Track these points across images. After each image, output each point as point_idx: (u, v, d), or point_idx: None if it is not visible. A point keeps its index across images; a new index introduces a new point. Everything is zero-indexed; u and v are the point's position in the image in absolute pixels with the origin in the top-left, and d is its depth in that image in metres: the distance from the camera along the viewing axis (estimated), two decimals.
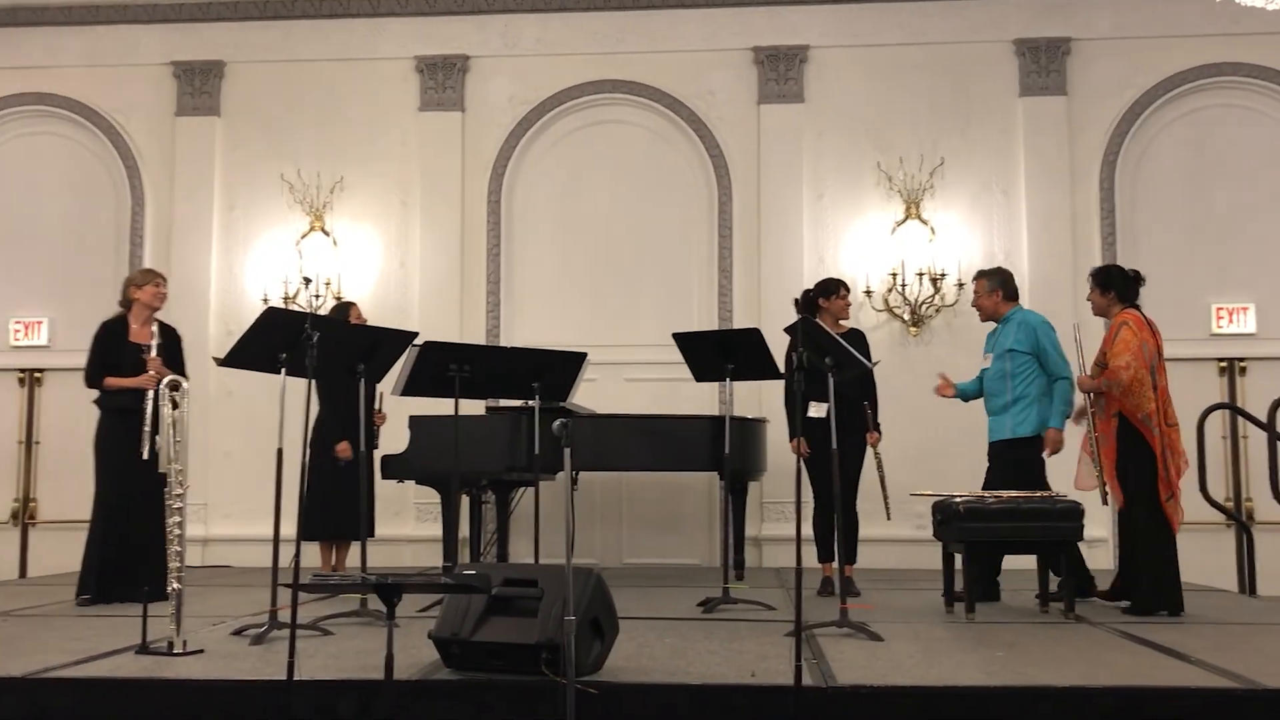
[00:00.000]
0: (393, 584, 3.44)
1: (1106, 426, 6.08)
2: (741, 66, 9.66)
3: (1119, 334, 5.99)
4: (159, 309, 6.79)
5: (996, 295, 6.78)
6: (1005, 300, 6.78)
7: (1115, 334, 6.03)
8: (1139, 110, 9.38)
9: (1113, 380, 5.91)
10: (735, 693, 3.95)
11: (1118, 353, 5.92)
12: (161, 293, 6.77)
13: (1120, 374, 5.87)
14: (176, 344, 6.74)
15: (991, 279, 6.83)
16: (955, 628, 5.50)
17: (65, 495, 9.54)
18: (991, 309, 6.82)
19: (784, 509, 9.02)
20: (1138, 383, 5.89)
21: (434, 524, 7.84)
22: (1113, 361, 5.93)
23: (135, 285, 6.71)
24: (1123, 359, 5.88)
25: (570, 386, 6.40)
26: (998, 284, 6.80)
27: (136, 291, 6.68)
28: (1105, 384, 5.97)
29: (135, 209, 9.92)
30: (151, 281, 6.73)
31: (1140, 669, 4.35)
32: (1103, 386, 6.00)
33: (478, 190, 9.69)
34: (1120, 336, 5.97)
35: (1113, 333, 6.08)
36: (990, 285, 6.80)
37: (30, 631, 5.36)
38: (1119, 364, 5.89)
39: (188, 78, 9.92)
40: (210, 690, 4.06)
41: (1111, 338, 6.06)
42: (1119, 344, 5.94)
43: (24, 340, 9.95)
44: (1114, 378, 5.90)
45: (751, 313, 9.14)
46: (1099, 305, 6.33)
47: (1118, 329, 6.04)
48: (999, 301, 6.78)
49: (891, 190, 9.39)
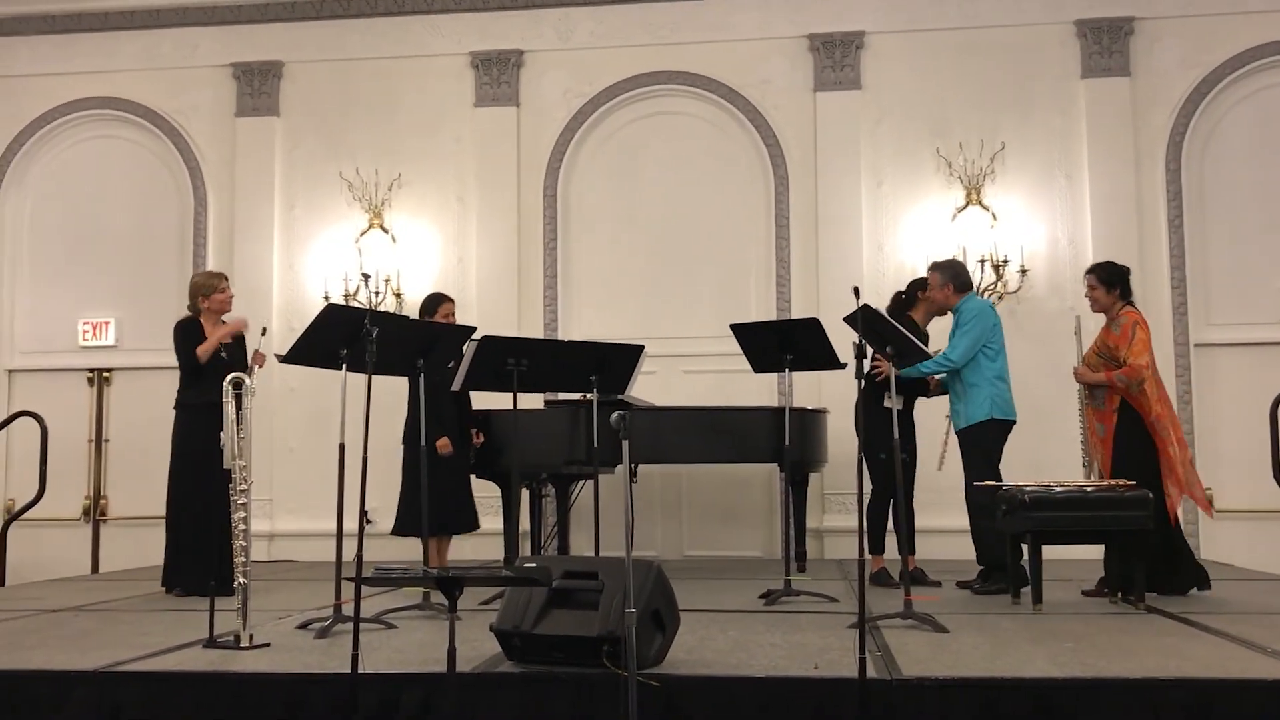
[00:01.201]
0: (454, 576, 3.44)
1: (1107, 418, 6.17)
2: (797, 54, 9.58)
3: (1135, 333, 6.10)
4: (229, 312, 6.91)
5: (948, 288, 6.78)
6: (956, 292, 6.77)
7: (1131, 332, 6.10)
8: (1205, 90, 9.16)
9: (1133, 379, 6.02)
10: (798, 685, 3.92)
11: (1138, 351, 6.05)
12: (228, 296, 6.89)
13: (1143, 373, 6.02)
14: (242, 343, 6.85)
15: (943, 272, 6.84)
16: (1022, 619, 5.41)
17: (135, 493, 9.74)
18: (943, 301, 6.82)
19: (845, 500, 8.95)
20: (1153, 384, 6.07)
21: (494, 518, 7.86)
22: (1134, 360, 6.04)
23: (203, 295, 6.80)
24: (1143, 358, 6.03)
25: (628, 379, 6.39)
26: (949, 277, 6.81)
27: (205, 301, 6.78)
28: (1122, 380, 6.05)
29: (198, 209, 10.06)
30: (217, 288, 6.83)
31: (1214, 661, 4.25)
32: (1117, 382, 6.08)
33: (533, 184, 9.71)
34: (1138, 336, 6.09)
35: (1127, 331, 6.13)
36: (942, 278, 6.81)
37: (101, 626, 5.45)
38: (1140, 363, 6.02)
39: (247, 78, 10.03)
40: (276, 683, 4.10)
41: (1129, 335, 6.11)
42: (1138, 344, 6.06)
43: (92, 341, 10.13)
44: (1135, 376, 6.02)
45: (810, 303, 9.07)
46: (1104, 302, 6.34)
47: (1131, 328, 6.13)
48: (950, 294, 6.78)
49: (951, 176, 9.27)
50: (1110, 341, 6.20)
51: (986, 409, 6.50)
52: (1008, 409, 6.57)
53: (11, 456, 10.00)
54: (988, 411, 6.50)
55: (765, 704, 3.86)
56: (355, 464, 5.04)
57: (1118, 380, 6.07)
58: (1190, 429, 8.87)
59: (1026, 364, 8.79)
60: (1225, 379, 9.05)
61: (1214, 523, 8.78)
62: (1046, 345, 8.41)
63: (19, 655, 4.60)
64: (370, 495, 5.22)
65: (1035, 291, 9.11)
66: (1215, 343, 9.05)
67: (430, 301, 7.27)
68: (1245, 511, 8.88)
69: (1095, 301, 6.36)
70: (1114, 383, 6.10)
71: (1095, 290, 6.33)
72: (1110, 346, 6.18)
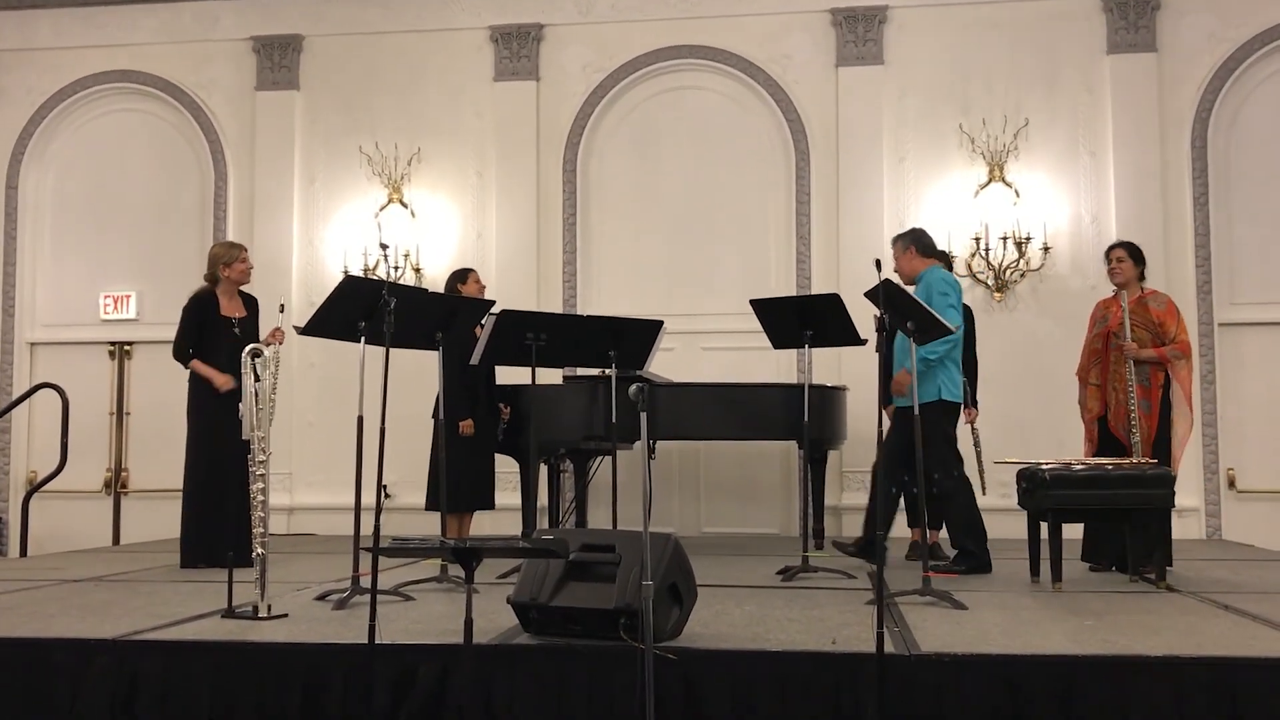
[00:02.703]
0: (471, 548, 3.44)
1: (1153, 394, 6.27)
2: (819, 29, 9.50)
3: (1177, 311, 6.37)
4: (247, 283, 6.89)
5: (911, 252, 6.54)
6: (921, 257, 6.53)
7: (1176, 311, 6.37)
8: (1233, 66, 9.04)
9: (1186, 355, 6.28)
10: (815, 660, 3.90)
11: (1185, 328, 6.34)
12: (248, 266, 6.88)
13: (1190, 350, 6.33)
14: (255, 313, 6.85)
15: (905, 239, 6.64)
16: (1041, 597, 5.38)
17: (155, 465, 9.80)
18: (909, 269, 6.55)
19: (864, 478, 8.92)
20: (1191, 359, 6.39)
21: (513, 493, 7.86)
22: (1182, 335, 6.30)
23: (223, 264, 6.78)
24: (1188, 335, 6.34)
25: (647, 354, 6.36)
26: (910, 242, 6.58)
27: (225, 270, 6.76)
28: (1174, 355, 6.24)
29: (218, 183, 10.07)
30: (238, 258, 6.82)
31: (1236, 639, 4.21)
32: (1170, 357, 6.24)
33: (553, 159, 9.67)
34: (1180, 314, 6.39)
35: (1172, 309, 6.36)
36: (904, 244, 6.60)
37: (121, 596, 5.48)
38: (1188, 340, 6.34)
39: (267, 52, 10.02)
40: (293, 653, 4.11)
41: (1175, 313, 6.34)
42: (1183, 321, 6.38)
43: (113, 314, 10.17)
44: (1188, 352, 6.31)
45: (830, 279, 9.01)
46: (1128, 275, 6.42)
47: (1174, 306, 6.40)
48: (914, 259, 6.53)
49: (974, 152, 9.19)
50: (1155, 317, 6.30)
51: (938, 390, 6.33)
52: (956, 391, 6.42)
53: (34, 429, 10.07)
54: (937, 393, 6.32)
55: (782, 678, 3.84)
56: (374, 437, 5.04)
57: (1171, 355, 6.23)
58: (1213, 408, 8.82)
59: (1049, 341, 8.77)
60: (1249, 358, 8.98)
61: (1236, 503, 8.76)
62: (1069, 323, 8.32)
63: (40, 624, 4.63)
64: (389, 469, 5.22)
65: (1058, 269, 9.04)
66: (1239, 322, 8.97)
67: (460, 272, 7.30)
68: (1268, 491, 8.82)
69: (1120, 274, 6.42)
70: (1166, 358, 6.23)
71: (1124, 263, 6.42)
72: (1155, 322, 6.29)
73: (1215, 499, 8.77)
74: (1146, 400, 6.24)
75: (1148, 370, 6.25)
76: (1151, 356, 6.23)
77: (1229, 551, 7.76)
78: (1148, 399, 6.24)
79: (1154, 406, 6.23)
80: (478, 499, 7.11)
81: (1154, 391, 6.24)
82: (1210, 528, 8.75)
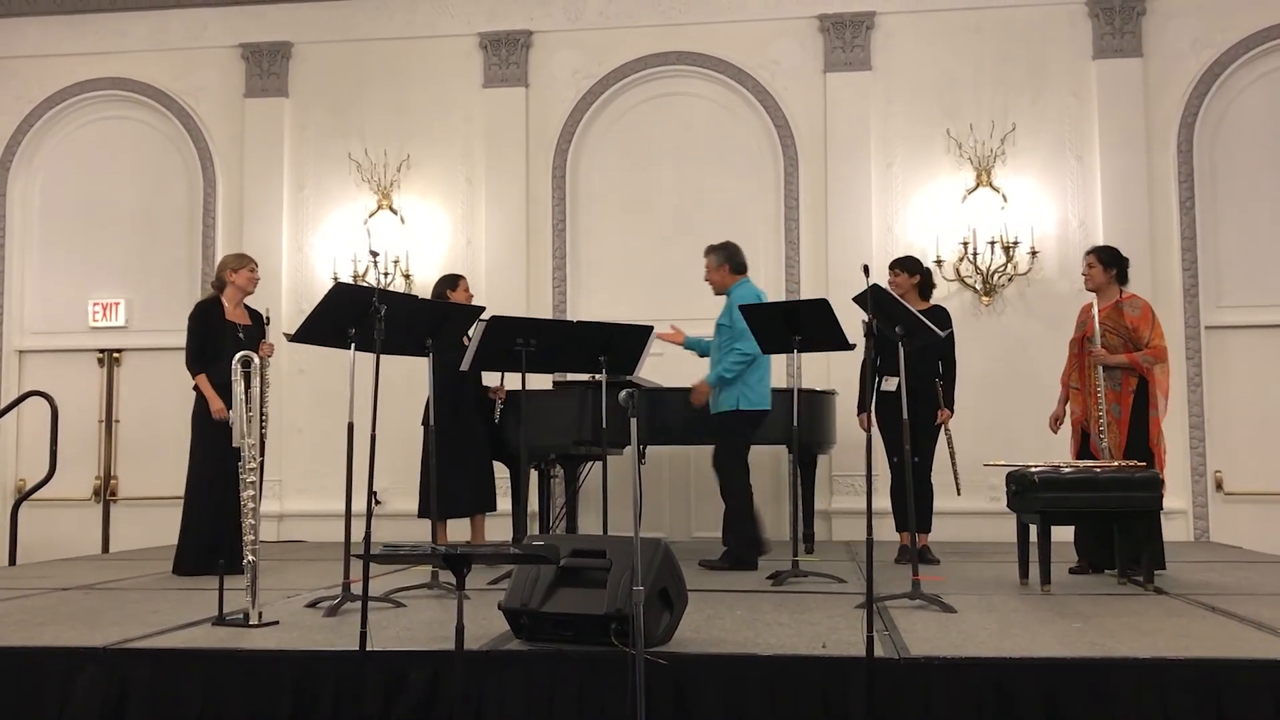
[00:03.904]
0: (462, 554, 3.44)
1: (1123, 399, 6.28)
2: (807, 35, 9.53)
3: (1154, 317, 6.37)
4: (252, 293, 6.91)
5: (724, 269, 6.84)
6: (732, 273, 6.83)
7: (1151, 316, 6.36)
8: (1218, 71, 9.09)
9: (1161, 360, 6.28)
10: (806, 664, 3.92)
11: (1160, 333, 6.34)
12: (255, 277, 6.92)
13: (1165, 355, 6.31)
14: (261, 326, 6.87)
15: (719, 253, 6.89)
16: (1030, 600, 5.41)
17: (145, 473, 9.78)
18: (720, 283, 6.87)
19: (854, 482, 8.95)
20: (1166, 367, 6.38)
21: (503, 499, 7.87)
22: (1157, 341, 6.30)
23: (231, 269, 6.82)
24: (1163, 340, 6.33)
25: (637, 359, 6.39)
26: (724, 258, 6.86)
27: (232, 275, 6.79)
28: (1149, 361, 6.25)
29: (207, 190, 10.06)
30: (246, 266, 6.87)
31: (1223, 641, 4.24)
32: (1143, 363, 6.25)
33: (542, 165, 9.68)
34: (1156, 319, 6.37)
35: (1147, 314, 6.36)
36: (718, 260, 6.87)
37: (111, 604, 5.47)
38: (1163, 344, 6.32)
39: (255, 59, 10.02)
40: (285, 660, 4.11)
41: (1149, 318, 6.34)
42: (1158, 326, 6.36)
43: (102, 321, 10.14)
44: (1162, 358, 6.29)
45: (819, 284, 9.05)
46: (1098, 280, 6.49)
47: (1150, 311, 6.39)
48: (726, 275, 6.84)
49: (962, 157, 9.22)
50: (1128, 323, 6.32)
51: (735, 400, 6.63)
52: (757, 399, 6.68)
53: (22, 436, 10.04)
54: (735, 403, 6.63)
55: (772, 682, 3.86)
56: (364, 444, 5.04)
57: (1143, 361, 6.24)
58: (1200, 411, 8.86)
59: (1036, 345, 8.81)
60: (1236, 361, 9.02)
61: (1223, 505, 8.80)
62: (1056, 327, 8.36)
63: (30, 632, 4.62)
64: (379, 475, 5.22)
65: (1045, 273, 9.07)
66: (1226, 325, 9.01)
67: (449, 277, 7.39)
68: (1255, 494, 8.86)
69: (1090, 279, 6.50)
70: (1138, 363, 6.24)
71: (1094, 269, 6.49)
72: (1128, 328, 6.31)
73: (1203, 501, 8.81)
74: (1118, 405, 6.28)
75: (1119, 375, 6.29)
76: (1122, 362, 6.27)
77: (1216, 553, 7.79)
78: (1119, 403, 6.27)
79: (1124, 411, 6.26)
80: (480, 502, 7.14)
81: (1125, 396, 6.27)
82: (1198, 530, 8.79)
